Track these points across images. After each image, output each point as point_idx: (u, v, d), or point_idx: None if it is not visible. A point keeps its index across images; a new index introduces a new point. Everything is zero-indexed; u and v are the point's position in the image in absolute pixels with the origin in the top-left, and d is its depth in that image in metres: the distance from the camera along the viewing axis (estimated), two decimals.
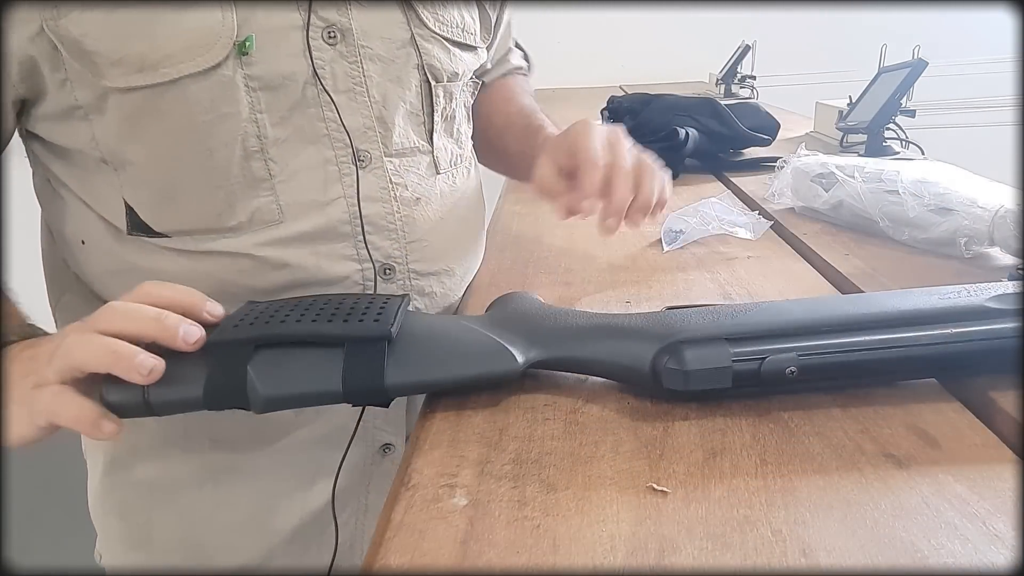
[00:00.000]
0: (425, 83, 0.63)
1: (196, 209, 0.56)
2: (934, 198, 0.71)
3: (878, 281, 0.65)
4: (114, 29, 0.51)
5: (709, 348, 0.43)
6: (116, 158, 0.55)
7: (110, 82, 0.52)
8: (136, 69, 0.51)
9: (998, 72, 2.04)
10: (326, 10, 0.56)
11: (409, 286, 0.63)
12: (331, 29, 0.57)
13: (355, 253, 0.60)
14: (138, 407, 0.43)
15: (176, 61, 0.52)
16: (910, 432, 0.42)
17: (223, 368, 0.43)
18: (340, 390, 0.43)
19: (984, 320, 0.44)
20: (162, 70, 0.52)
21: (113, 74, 0.51)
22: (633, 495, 0.37)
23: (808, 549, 0.33)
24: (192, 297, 0.46)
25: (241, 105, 0.54)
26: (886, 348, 0.44)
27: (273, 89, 0.55)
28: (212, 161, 0.55)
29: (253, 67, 0.54)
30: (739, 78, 2.21)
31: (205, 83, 0.53)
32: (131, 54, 0.51)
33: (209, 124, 0.54)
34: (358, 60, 0.58)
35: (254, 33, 0.54)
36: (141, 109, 0.53)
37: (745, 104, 1.40)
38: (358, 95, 0.59)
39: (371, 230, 0.60)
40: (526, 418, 0.45)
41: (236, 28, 0.53)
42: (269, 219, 0.57)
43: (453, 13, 0.65)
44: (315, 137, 0.58)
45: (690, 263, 0.73)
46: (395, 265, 0.62)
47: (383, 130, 0.60)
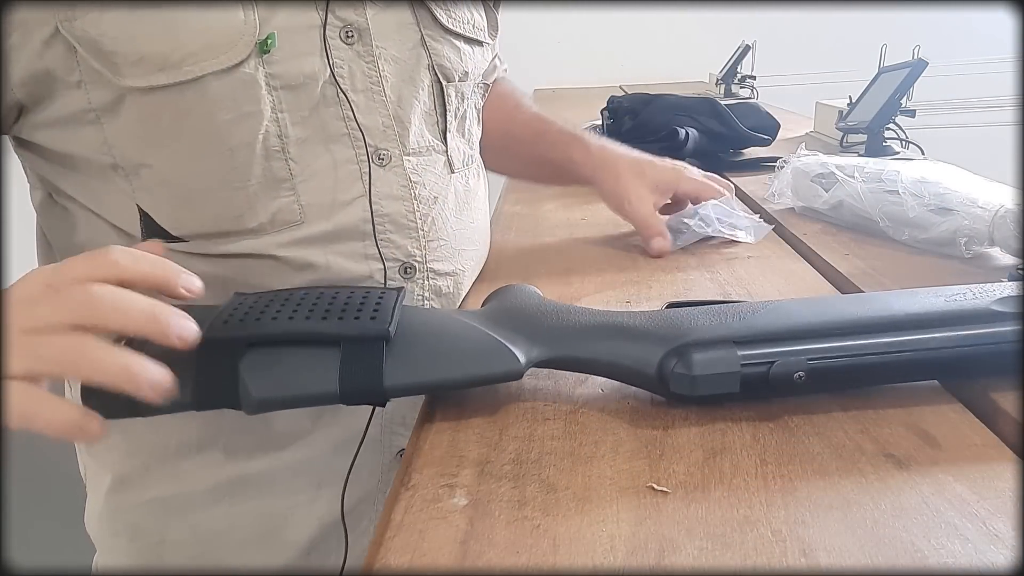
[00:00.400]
0: (436, 83, 0.63)
1: (216, 211, 0.56)
2: (934, 198, 0.71)
3: (878, 281, 0.65)
4: (133, 29, 0.50)
5: (717, 352, 0.43)
6: (129, 162, 0.54)
7: (130, 81, 0.51)
8: (157, 68, 0.51)
9: (998, 72, 2.04)
10: (343, 10, 0.57)
11: (427, 286, 0.63)
12: (348, 29, 0.57)
13: (376, 252, 0.60)
14: (123, 408, 0.40)
15: (199, 59, 0.51)
16: (910, 432, 0.42)
17: (213, 368, 0.41)
18: (336, 391, 0.42)
19: (992, 323, 0.44)
20: (184, 68, 0.51)
21: (133, 73, 0.51)
22: (633, 495, 0.37)
23: (808, 549, 0.33)
24: (166, 271, 0.41)
25: (263, 104, 0.54)
26: (895, 352, 0.43)
27: (294, 88, 0.55)
28: (233, 161, 0.55)
29: (274, 66, 0.54)
30: (739, 78, 2.21)
31: (227, 81, 0.53)
32: (152, 53, 0.51)
33: (231, 123, 0.54)
34: (374, 60, 0.59)
35: (275, 31, 0.54)
36: (160, 109, 0.52)
37: (745, 104, 1.40)
38: (375, 95, 0.59)
39: (392, 229, 0.60)
40: (526, 418, 0.45)
41: (258, 26, 0.53)
42: (290, 219, 0.57)
43: (464, 11, 0.66)
44: (336, 136, 0.58)
45: (690, 263, 0.73)
46: (416, 264, 0.62)
47: (400, 129, 0.60)
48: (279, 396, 0.42)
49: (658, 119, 1.20)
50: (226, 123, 0.54)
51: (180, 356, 0.41)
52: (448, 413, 0.46)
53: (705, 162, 1.20)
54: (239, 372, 0.41)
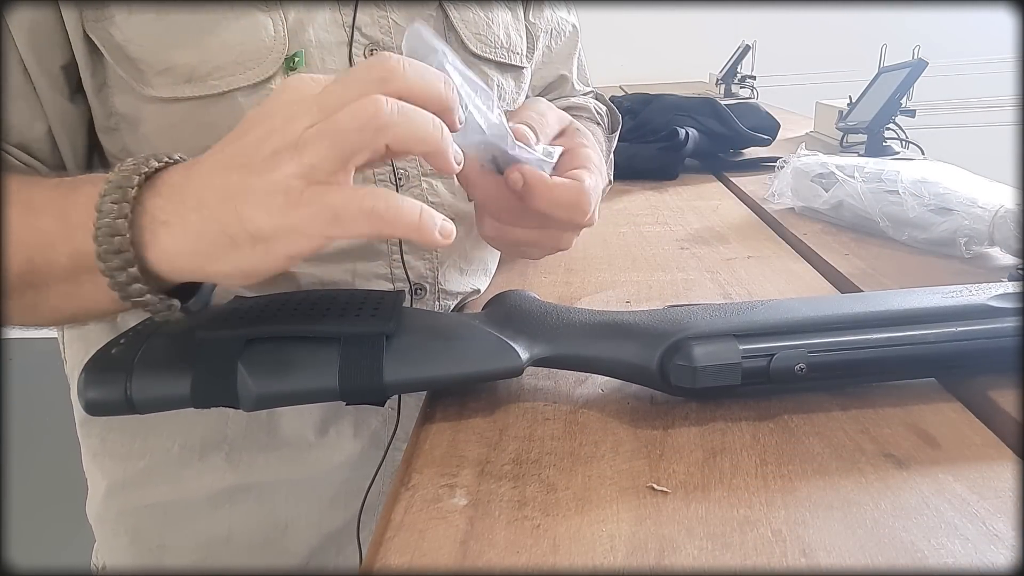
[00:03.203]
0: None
1: None
2: (934, 198, 0.71)
3: (878, 281, 0.65)
4: (161, 37, 0.49)
5: (718, 344, 0.43)
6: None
7: (154, 91, 0.50)
8: (184, 80, 0.50)
9: (998, 72, 2.04)
10: (369, 28, 0.56)
11: (437, 306, 0.63)
12: (373, 47, 0.57)
13: (388, 272, 0.60)
14: (119, 404, 0.40)
15: (226, 73, 0.51)
16: (910, 432, 0.42)
17: (212, 363, 0.41)
18: (336, 387, 0.42)
19: (990, 319, 0.44)
20: (211, 82, 0.50)
21: (159, 83, 0.50)
22: (633, 495, 0.37)
23: (808, 549, 0.33)
24: (449, 99, 0.37)
25: None
26: (895, 346, 0.44)
27: None
28: None
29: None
30: (739, 78, 2.22)
31: (254, 97, 0.52)
32: (179, 64, 0.50)
33: None
34: None
35: (303, 49, 0.53)
36: (184, 121, 0.51)
37: (745, 104, 1.40)
38: None
39: (407, 249, 0.60)
40: (526, 418, 0.45)
41: (287, 43, 0.52)
42: None
43: (500, 34, 0.63)
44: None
45: (690, 263, 0.73)
46: (426, 285, 0.62)
47: None
48: (278, 392, 0.42)
49: (658, 119, 1.20)
50: None
51: (179, 353, 0.41)
52: (448, 413, 0.46)
53: (705, 162, 1.20)
54: (238, 368, 0.41)
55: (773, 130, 1.25)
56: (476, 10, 0.62)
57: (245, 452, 0.60)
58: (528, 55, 0.68)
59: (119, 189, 0.37)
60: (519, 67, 0.66)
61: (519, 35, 0.66)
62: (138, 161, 0.38)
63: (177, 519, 0.62)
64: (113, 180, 0.37)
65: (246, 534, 0.62)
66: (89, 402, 0.41)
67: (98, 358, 0.43)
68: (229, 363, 0.41)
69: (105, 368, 0.42)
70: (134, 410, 0.41)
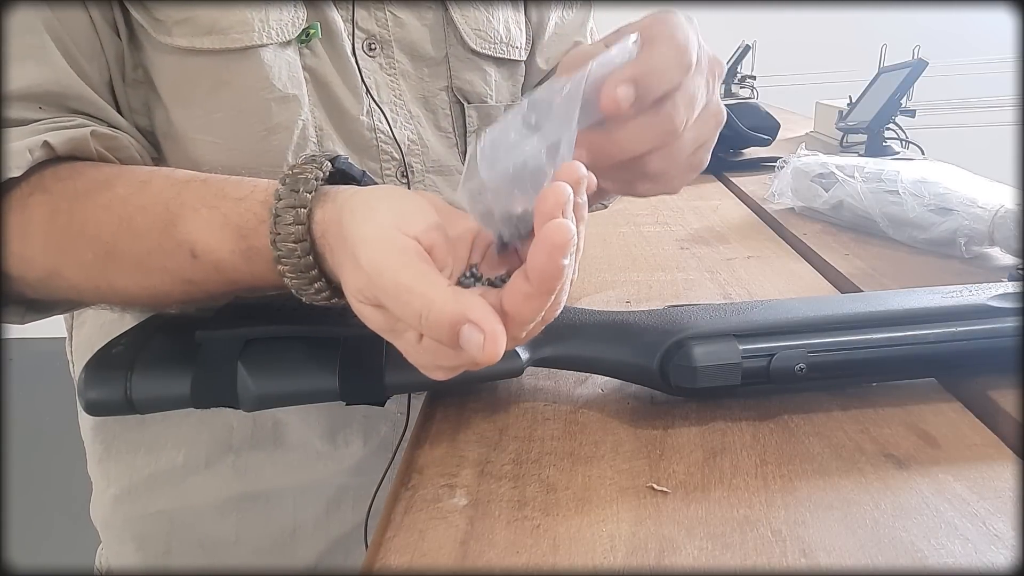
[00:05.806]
0: (456, 104, 0.62)
1: None
2: (934, 198, 0.71)
3: (878, 281, 0.65)
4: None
5: (718, 344, 0.43)
6: (159, 130, 0.53)
7: (173, 40, 0.49)
8: (204, 31, 0.50)
9: (998, 72, 2.04)
10: (366, 22, 0.56)
11: None
12: (371, 41, 0.57)
13: None
14: (119, 404, 0.40)
15: (247, 28, 0.50)
16: (910, 432, 0.42)
17: (212, 363, 0.41)
18: (335, 388, 0.42)
19: (989, 319, 0.44)
20: (232, 35, 0.50)
21: (178, 32, 0.49)
22: (633, 495, 0.37)
23: (808, 549, 0.33)
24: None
25: (304, 90, 0.54)
26: (894, 346, 0.44)
27: (326, 87, 0.55)
28: (267, 144, 0.53)
29: (307, 59, 0.54)
30: (739, 78, 2.22)
31: (273, 59, 0.52)
32: (200, 15, 0.49)
33: (272, 103, 0.52)
34: (395, 74, 0.58)
35: (319, 23, 0.53)
36: (200, 75, 0.51)
37: (745, 104, 1.40)
38: (399, 108, 0.58)
39: None
40: (526, 418, 0.45)
41: (305, 17, 0.53)
42: None
43: (498, 28, 0.63)
44: (363, 147, 0.57)
45: (690, 263, 0.73)
46: None
47: (423, 146, 0.60)
48: (278, 392, 0.42)
49: None
50: (267, 101, 0.52)
51: (179, 353, 0.41)
52: (448, 413, 0.46)
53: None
54: (238, 368, 0.41)
55: (773, 130, 1.25)
56: (477, 5, 0.62)
57: (251, 461, 0.60)
58: (526, 48, 0.68)
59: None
60: (516, 61, 0.66)
61: (519, 28, 0.66)
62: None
63: (184, 526, 0.62)
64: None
65: (254, 539, 0.62)
66: (89, 402, 0.41)
67: (98, 358, 0.42)
68: (229, 363, 0.41)
69: (105, 368, 0.42)
70: (134, 410, 0.41)
